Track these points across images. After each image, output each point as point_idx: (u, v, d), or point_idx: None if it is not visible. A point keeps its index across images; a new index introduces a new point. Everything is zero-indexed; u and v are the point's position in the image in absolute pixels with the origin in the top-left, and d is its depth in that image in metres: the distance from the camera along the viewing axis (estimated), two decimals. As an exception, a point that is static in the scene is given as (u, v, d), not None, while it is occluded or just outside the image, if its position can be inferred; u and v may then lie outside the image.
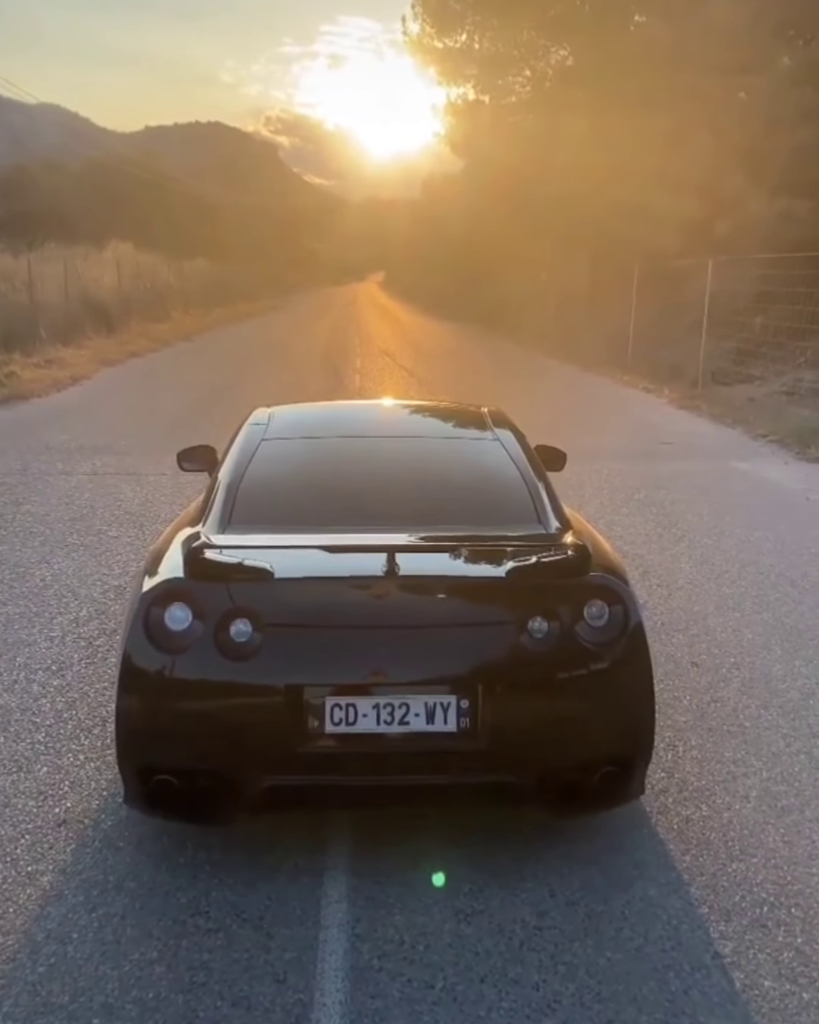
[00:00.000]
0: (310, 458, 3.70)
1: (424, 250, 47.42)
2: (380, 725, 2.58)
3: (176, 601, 2.65)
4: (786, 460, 9.05)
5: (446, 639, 2.68)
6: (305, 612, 2.68)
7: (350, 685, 2.61)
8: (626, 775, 2.74)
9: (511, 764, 2.63)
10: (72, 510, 6.68)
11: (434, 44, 22.76)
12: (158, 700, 2.63)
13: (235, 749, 2.59)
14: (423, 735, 2.59)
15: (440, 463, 3.73)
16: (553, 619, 2.66)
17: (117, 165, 48.54)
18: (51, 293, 19.07)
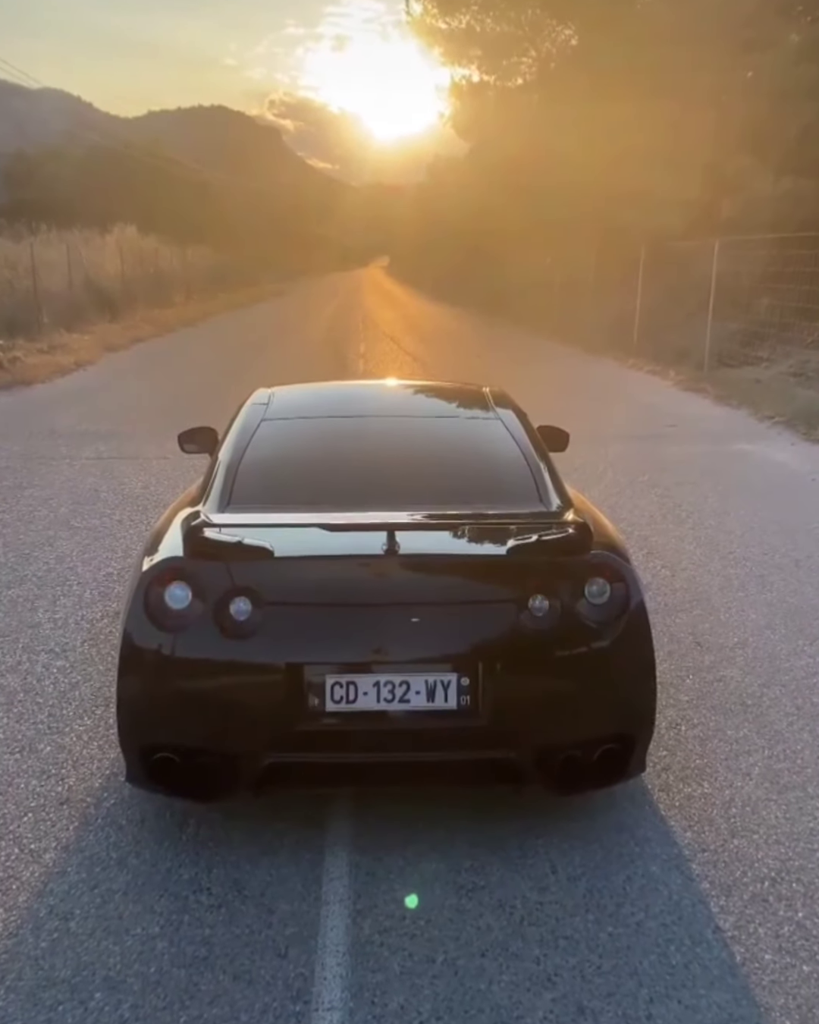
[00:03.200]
0: (310, 438, 3.66)
1: (429, 235, 47.16)
2: (381, 703, 2.58)
3: (176, 580, 2.64)
4: (792, 441, 9.00)
5: (446, 617, 2.66)
6: (305, 590, 2.67)
7: (350, 663, 2.61)
8: (626, 753, 2.73)
9: (511, 741, 2.61)
10: (75, 493, 6.68)
11: (438, 25, 22.55)
12: (159, 679, 2.62)
13: (236, 727, 2.59)
14: (424, 713, 2.59)
15: (441, 442, 3.69)
16: (554, 597, 2.64)
17: (120, 150, 48.28)
18: (54, 279, 19.03)
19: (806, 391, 10.79)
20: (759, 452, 8.55)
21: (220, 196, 54.59)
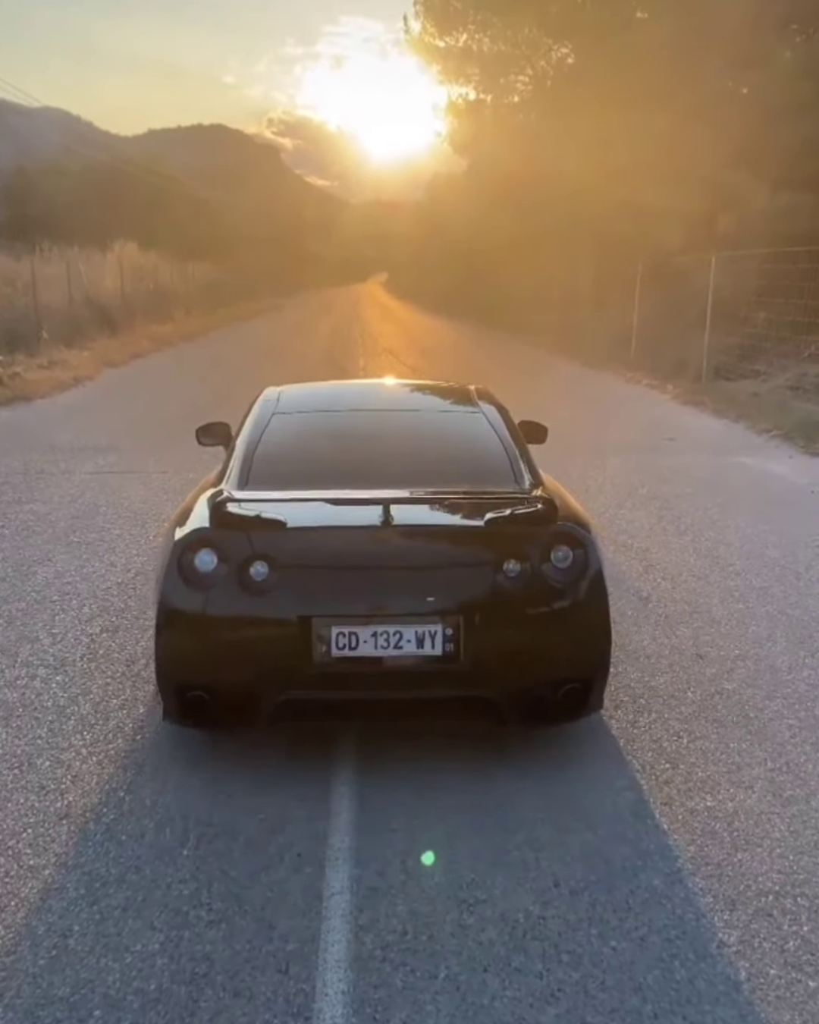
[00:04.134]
0: (316, 428, 4.18)
1: (427, 250, 47.40)
2: (378, 650, 3.02)
3: (204, 547, 3.10)
4: (791, 454, 9.01)
5: (433, 578, 3.13)
6: (313, 555, 3.14)
7: (352, 616, 3.03)
8: (585, 692, 3.20)
9: (488, 682, 3.07)
10: (75, 508, 6.68)
11: (436, 43, 22.76)
12: (190, 630, 3.10)
13: (256, 670, 3.05)
14: (414, 658, 3.04)
15: (431, 432, 4.22)
16: (524, 561, 3.10)
17: (119, 167, 48.55)
18: (54, 295, 19.09)
19: (803, 404, 10.81)
20: (758, 465, 8.56)
21: (219, 213, 54.89)
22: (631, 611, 4.75)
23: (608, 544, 5.89)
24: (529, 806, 3.00)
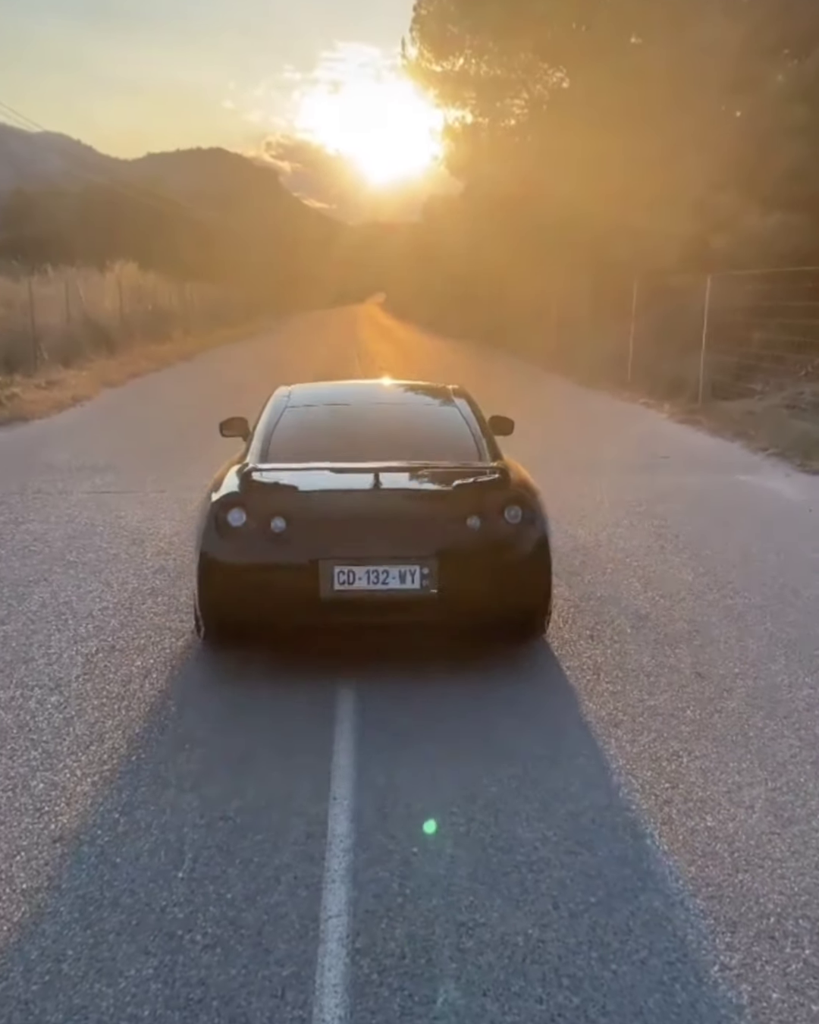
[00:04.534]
0: (321, 417, 5.16)
1: (425, 271, 47.68)
2: (370, 584, 3.88)
3: (235, 507, 4.00)
4: (787, 472, 9.02)
5: (413, 528, 4.03)
6: (319, 512, 4.08)
7: (350, 559, 3.87)
8: (531, 619, 4.26)
9: (455, 609, 4.00)
10: (72, 528, 6.66)
11: (432, 68, 23.01)
12: (224, 572, 3.97)
13: (276, 601, 3.94)
14: (398, 591, 3.90)
15: (414, 420, 5.26)
16: (484, 517, 4.02)
17: (118, 190, 48.96)
18: (53, 316, 19.17)
19: (800, 423, 10.84)
20: (755, 483, 8.57)
21: (217, 234, 55.27)
22: (630, 629, 4.73)
23: (606, 562, 5.88)
24: (527, 828, 2.97)
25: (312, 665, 4.26)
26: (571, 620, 4.86)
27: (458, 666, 4.23)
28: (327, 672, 4.15)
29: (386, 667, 4.22)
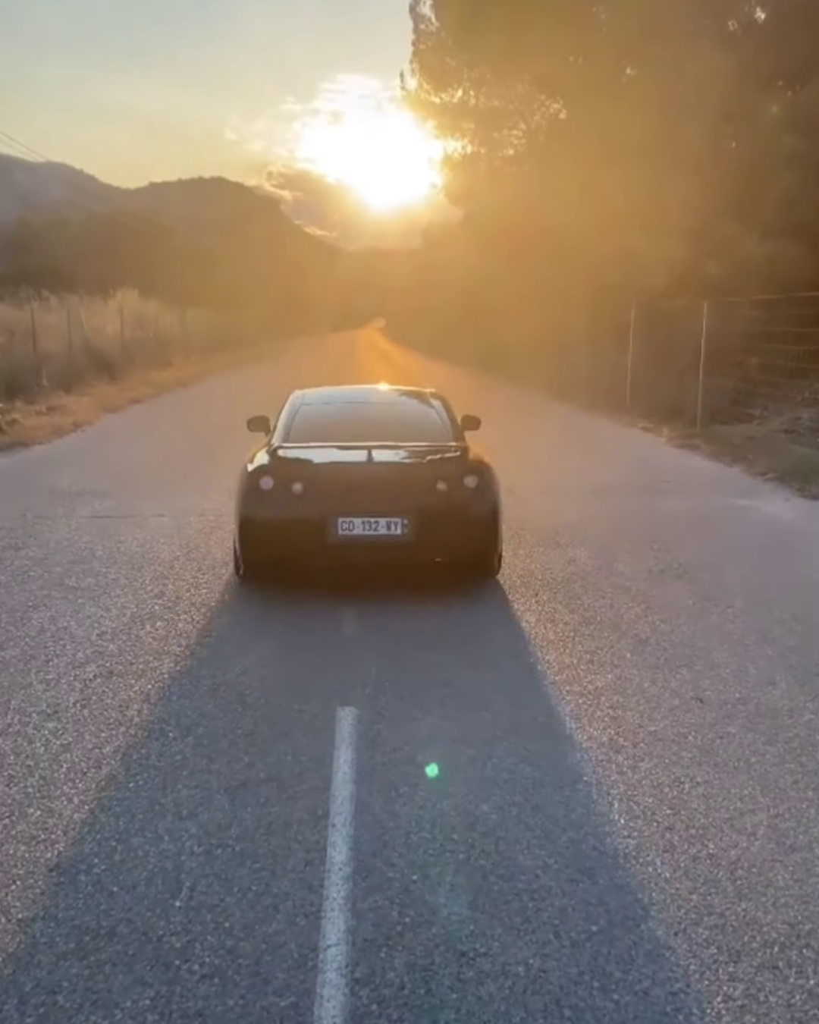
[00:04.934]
0: (328, 412, 6.76)
1: (424, 297, 48.07)
2: (364, 531, 5.29)
3: (265, 475, 5.46)
4: (786, 497, 9.04)
5: (396, 490, 5.42)
6: (327, 478, 5.49)
7: (349, 512, 5.28)
8: (484, 560, 5.74)
9: (428, 551, 5.46)
10: (71, 553, 6.66)
11: (431, 99, 23.30)
12: (257, 524, 5.44)
13: (295, 545, 5.38)
14: (385, 536, 5.30)
15: (400, 413, 6.89)
16: (449, 482, 5.46)
17: (121, 219, 49.45)
18: (54, 342, 19.29)
19: (798, 448, 10.87)
20: (755, 507, 8.58)
21: (219, 261, 55.74)
22: (630, 653, 4.72)
23: (606, 586, 5.88)
24: (527, 855, 2.95)
25: (310, 688, 4.24)
26: (571, 644, 4.85)
27: (460, 691, 4.22)
28: (324, 696, 4.14)
29: (382, 695, 4.21)
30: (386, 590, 5.75)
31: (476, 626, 5.16)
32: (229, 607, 5.46)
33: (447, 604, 5.50)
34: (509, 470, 10.30)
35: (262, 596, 5.65)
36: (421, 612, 5.36)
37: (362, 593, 5.69)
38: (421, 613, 5.34)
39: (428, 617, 5.28)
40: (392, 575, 5.75)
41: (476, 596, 5.69)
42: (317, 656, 4.66)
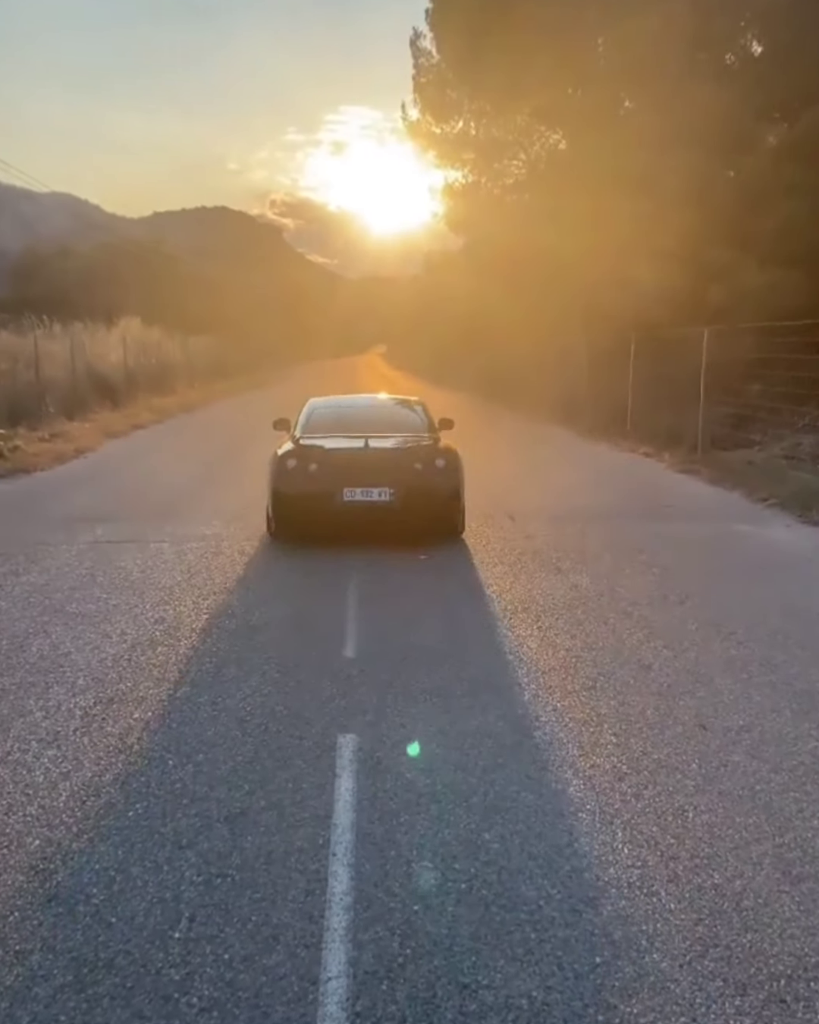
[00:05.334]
0: (336, 412, 8.87)
1: (426, 323, 48.41)
2: (362, 498, 7.24)
3: (291, 457, 7.50)
4: (788, 523, 9.03)
5: (386, 469, 7.34)
6: (335, 460, 7.42)
7: (351, 484, 7.24)
8: (450, 524, 7.69)
9: (409, 513, 7.30)
10: (72, 579, 6.66)
11: (432, 130, 23.61)
12: (285, 494, 7.40)
13: (313, 509, 7.28)
14: (378, 501, 7.26)
15: (390, 414, 9.15)
16: (424, 463, 7.55)
17: (125, 247, 49.90)
18: (58, 369, 19.42)
19: (799, 474, 10.89)
20: (756, 533, 8.57)
21: (221, 288, 56.17)
22: (633, 680, 4.69)
23: (608, 612, 5.86)
24: (530, 885, 2.92)
25: (310, 715, 4.22)
26: (573, 671, 4.83)
27: (461, 717, 4.20)
28: (325, 723, 4.11)
29: (383, 722, 4.19)
30: (388, 614, 5.74)
31: (477, 652, 5.14)
32: (230, 632, 5.45)
33: (448, 629, 5.49)
34: (511, 496, 10.34)
35: (263, 621, 5.64)
36: (421, 638, 5.34)
37: (362, 612, 5.68)
38: (421, 638, 5.33)
39: (429, 642, 5.26)
40: (384, 532, 7.66)
41: (478, 621, 5.69)
42: (318, 682, 4.64)
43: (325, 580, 6.69)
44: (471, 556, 7.41)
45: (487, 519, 8.90)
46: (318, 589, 6.45)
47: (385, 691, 4.52)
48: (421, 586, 6.55)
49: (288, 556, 7.40)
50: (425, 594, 6.34)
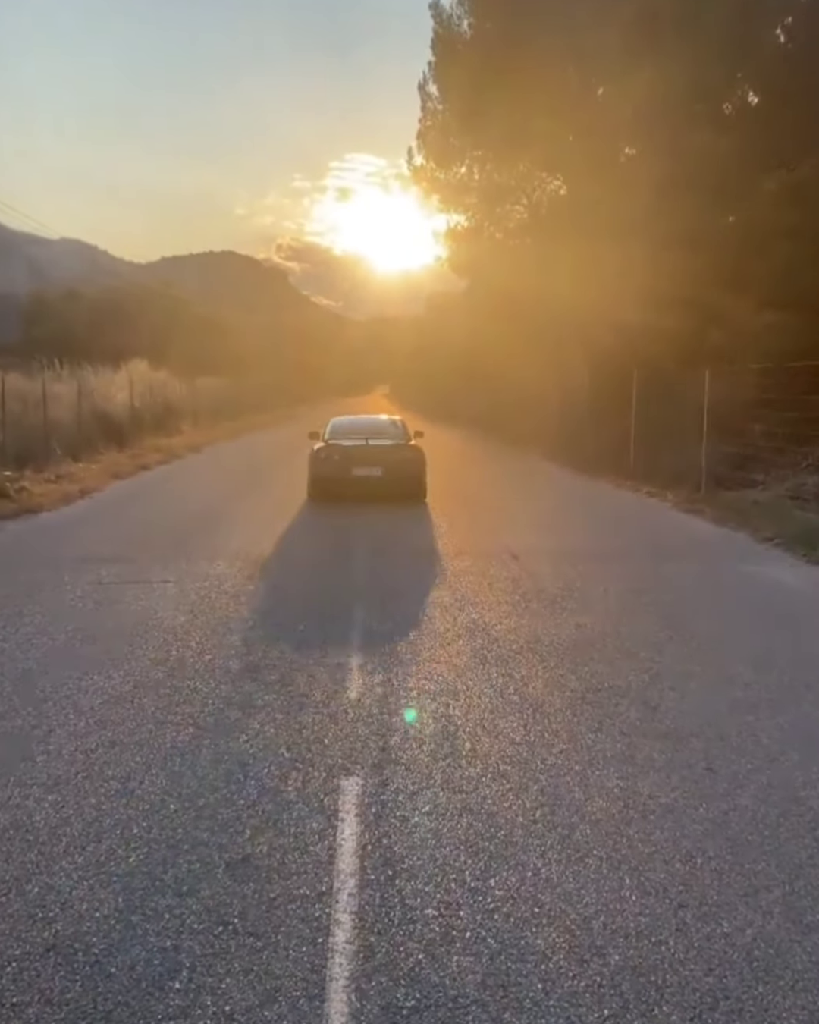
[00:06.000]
0: (349, 425, 14.58)
1: (429, 363, 48.89)
2: (365, 474, 13.00)
3: (323, 451, 13.32)
4: (793, 563, 9.01)
5: (379, 456, 13.20)
6: (348, 452, 13.21)
7: (357, 465, 13.06)
8: (417, 492, 13.29)
9: (391, 484, 13.04)
10: (76, 620, 6.65)
11: (436, 175, 24.11)
12: (318, 473, 13.24)
13: (334, 479, 13.12)
14: (373, 475, 13.00)
15: (382, 426, 15.02)
16: (401, 454, 13.41)
17: (132, 291, 50.64)
18: (65, 411, 19.58)
19: (803, 514, 10.90)
20: (761, 573, 8.55)
21: (227, 329, 56.81)
22: (639, 722, 4.65)
23: (613, 652, 5.83)
24: (537, 934, 2.86)
25: (313, 757, 4.18)
26: (579, 712, 4.79)
27: (465, 761, 4.16)
28: (327, 766, 4.08)
29: (386, 765, 4.15)
30: (390, 654, 5.72)
31: (482, 694, 5.10)
32: (233, 674, 5.42)
33: (451, 669, 5.46)
34: (514, 534, 10.35)
35: (267, 661, 5.62)
36: (423, 681, 5.31)
37: (362, 659, 5.65)
38: (423, 682, 5.30)
39: (431, 686, 5.23)
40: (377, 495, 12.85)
41: (482, 660, 5.65)
42: (320, 725, 4.61)
43: (327, 626, 6.67)
44: (475, 595, 7.40)
45: (490, 557, 8.90)
46: (321, 634, 6.43)
47: (388, 734, 4.48)
48: (424, 625, 6.52)
49: (291, 597, 7.39)
50: (428, 633, 6.31)
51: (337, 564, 8.96)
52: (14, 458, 15.68)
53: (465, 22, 22.00)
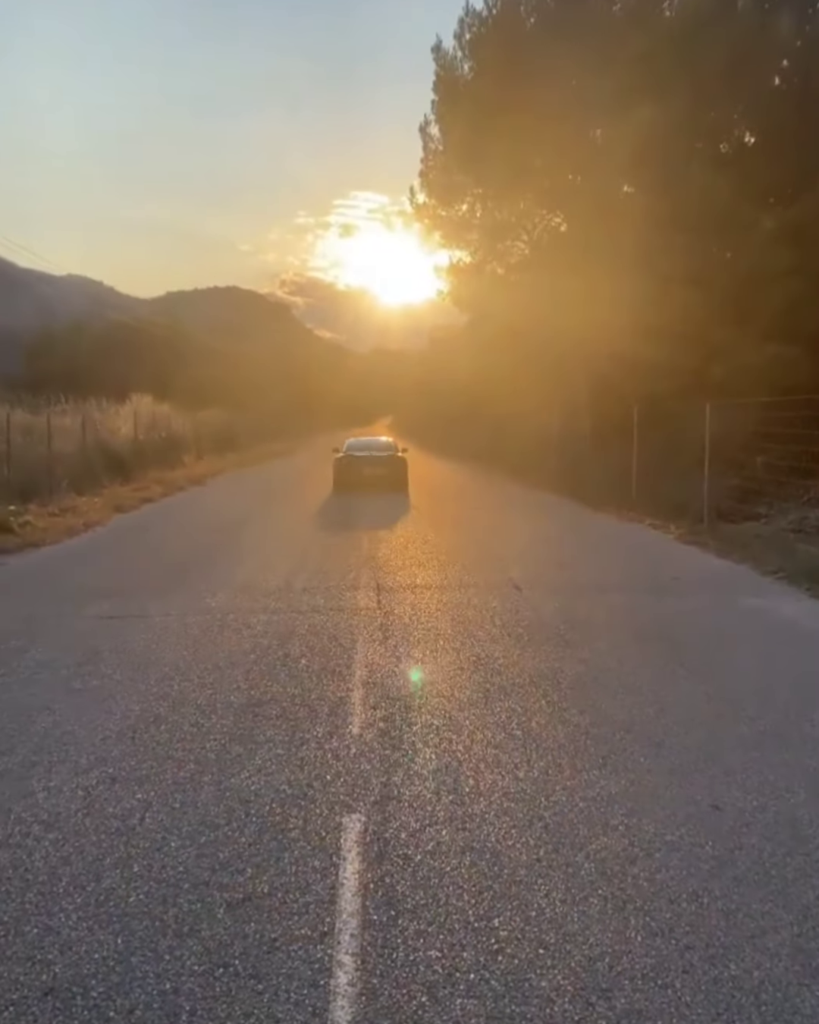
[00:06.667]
0: (360, 442, 23.61)
1: (430, 395, 49.18)
2: (371, 472, 21.22)
3: (343, 459, 21.62)
4: (797, 597, 8.98)
5: (380, 462, 21.58)
6: (359, 460, 21.57)
7: (367, 466, 21.40)
8: (404, 488, 21.02)
9: (387, 480, 21.01)
10: (77, 654, 6.63)
11: (438, 212, 24.46)
12: (340, 473, 21.41)
13: (348, 477, 21.14)
14: (377, 473, 21.27)
15: (382, 443, 24.18)
16: (393, 461, 21.71)
17: (137, 326, 51.16)
18: (69, 445, 19.69)
19: (807, 547, 10.87)
20: (765, 607, 8.52)
21: (231, 363, 57.28)
22: (644, 757, 4.61)
23: (618, 687, 5.80)
24: (541, 975, 2.82)
25: (315, 794, 4.15)
26: (583, 748, 4.75)
27: (467, 797, 4.12)
28: (329, 803, 4.04)
29: (389, 803, 4.11)
30: (393, 688, 5.69)
31: (484, 728, 5.07)
32: (234, 708, 5.40)
33: (453, 704, 5.43)
34: (517, 566, 10.34)
35: (268, 696, 5.59)
36: (425, 716, 5.28)
37: (366, 693, 5.63)
38: (425, 716, 5.27)
39: (435, 720, 5.20)
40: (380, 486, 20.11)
41: (484, 694, 5.62)
42: (322, 764, 4.58)
43: (329, 659, 6.65)
44: (477, 628, 7.38)
45: (493, 589, 8.88)
46: (323, 667, 6.40)
47: (392, 769, 4.45)
48: (425, 659, 6.50)
49: (292, 631, 7.38)
50: (430, 667, 6.28)
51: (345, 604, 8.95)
52: (19, 492, 15.74)
53: (466, 64, 22.46)
